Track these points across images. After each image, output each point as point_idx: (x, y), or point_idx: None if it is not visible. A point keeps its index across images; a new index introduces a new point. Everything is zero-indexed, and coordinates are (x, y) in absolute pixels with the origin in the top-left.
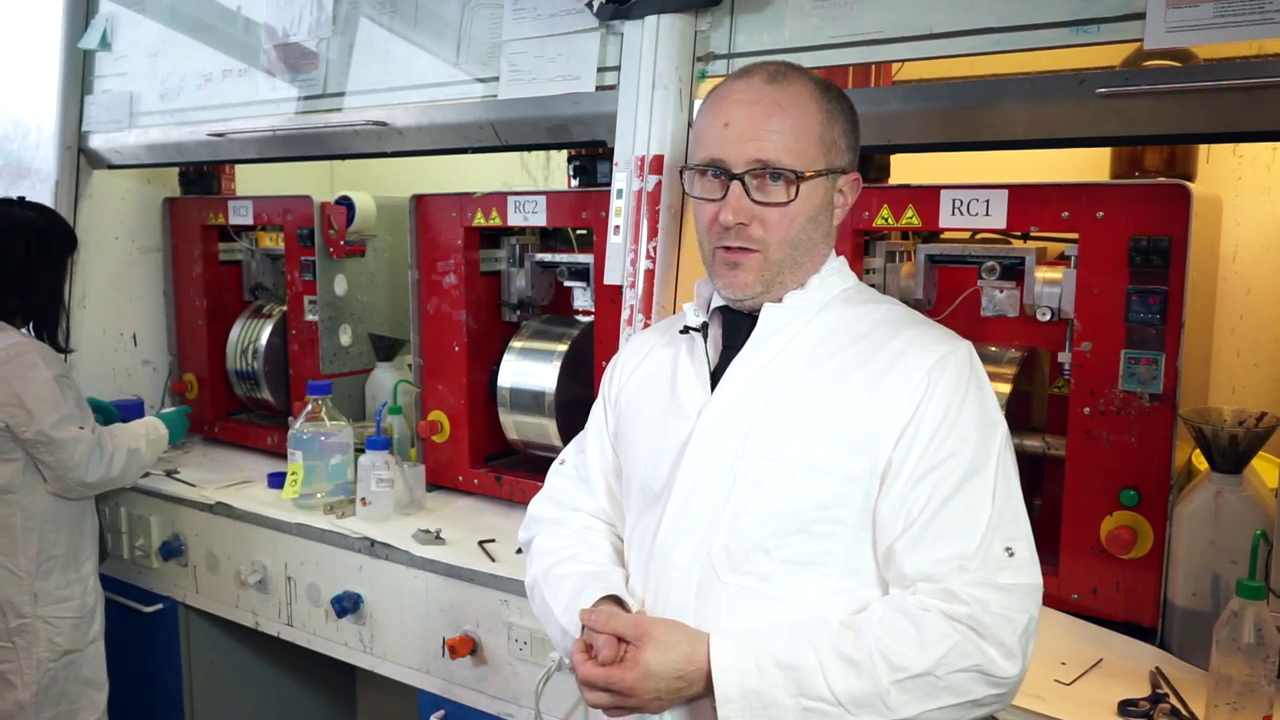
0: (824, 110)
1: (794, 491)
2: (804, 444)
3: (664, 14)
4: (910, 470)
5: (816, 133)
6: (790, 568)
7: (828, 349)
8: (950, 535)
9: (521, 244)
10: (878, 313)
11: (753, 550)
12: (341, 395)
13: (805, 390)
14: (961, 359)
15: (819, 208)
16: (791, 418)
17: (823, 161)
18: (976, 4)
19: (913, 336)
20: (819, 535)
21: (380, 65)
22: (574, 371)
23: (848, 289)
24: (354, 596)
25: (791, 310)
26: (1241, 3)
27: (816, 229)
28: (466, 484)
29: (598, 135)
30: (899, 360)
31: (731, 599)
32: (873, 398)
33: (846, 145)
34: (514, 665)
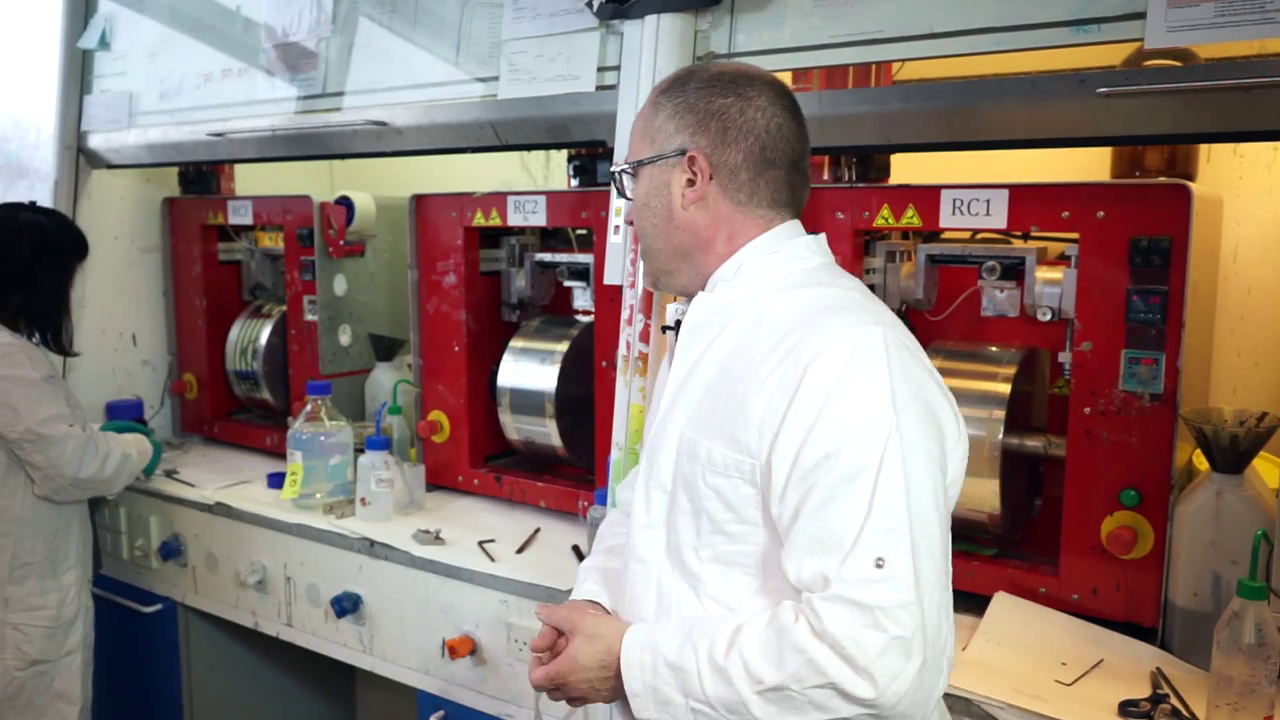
0: (653, 105)
1: (706, 493)
2: (710, 444)
3: (664, 13)
4: (789, 472)
5: (641, 127)
6: (717, 568)
7: (746, 340)
8: (821, 543)
9: (521, 244)
10: (807, 297)
11: (686, 549)
12: (341, 395)
13: (716, 385)
14: (850, 346)
15: (648, 194)
16: (703, 414)
17: (646, 151)
18: (977, 4)
19: (816, 325)
20: (734, 536)
21: (380, 65)
22: (574, 371)
23: (795, 272)
24: (353, 597)
25: (717, 300)
26: (1242, 2)
27: (653, 215)
28: (466, 484)
29: (597, 135)
30: (792, 352)
31: (680, 597)
32: (760, 394)
33: (675, 128)
34: (513, 666)
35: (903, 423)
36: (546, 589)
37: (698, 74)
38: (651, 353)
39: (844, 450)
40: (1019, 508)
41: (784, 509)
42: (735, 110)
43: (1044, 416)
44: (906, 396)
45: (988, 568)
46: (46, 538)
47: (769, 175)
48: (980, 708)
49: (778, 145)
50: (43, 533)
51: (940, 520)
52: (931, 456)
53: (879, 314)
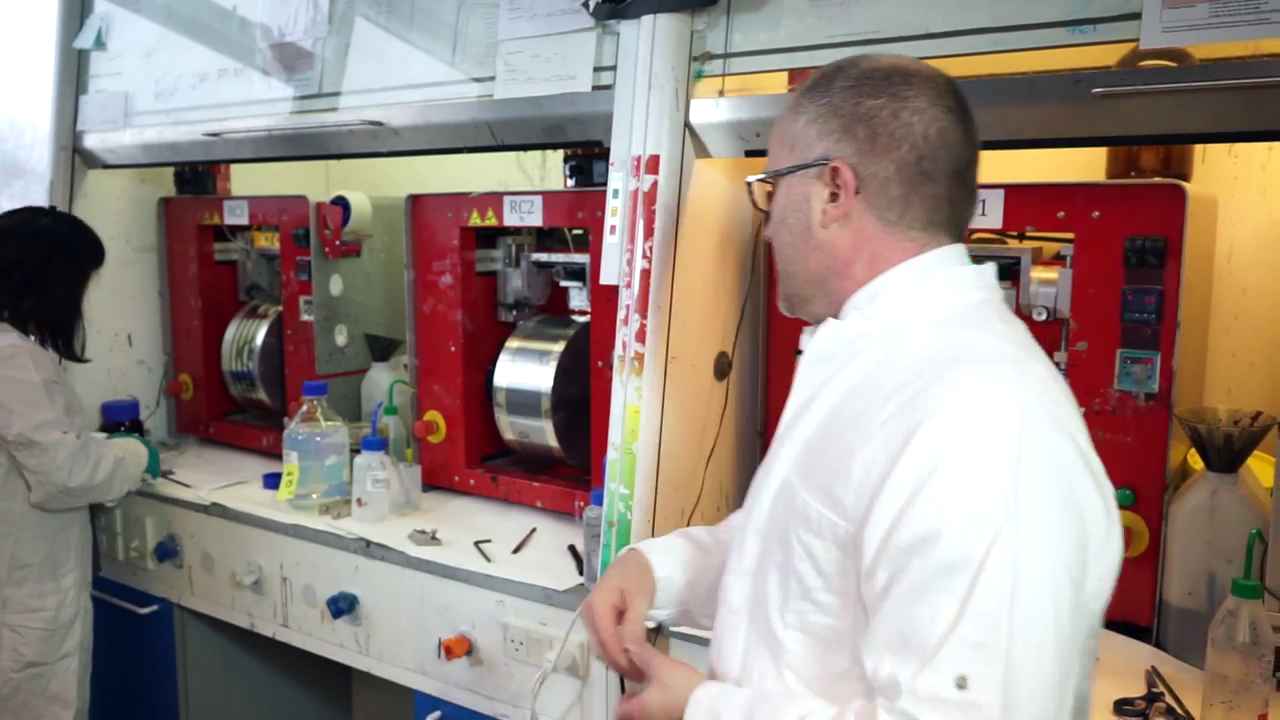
0: (792, 108)
1: (798, 550)
2: (808, 494)
3: (660, 14)
4: (876, 548)
5: (780, 134)
6: (802, 639)
7: (871, 381)
8: (902, 640)
9: (518, 244)
10: (941, 341)
11: (772, 610)
12: (337, 396)
13: (824, 429)
14: (975, 408)
15: (785, 210)
16: (806, 460)
17: (785, 160)
18: (973, 4)
19: (944, 376)
20: (823, 607)
21: (376, 65)
22: (570, 372)
23: (946, 307)
24: (350, 597)
25: (844, 330)
26: (1237, 2)
27: (790, 232)
28: (462, 484)
29: (594, 135)
30: (908, 405)
31: (763, 661)
32: (865, 449)
33: (817, 134)
34: (509, 666)
35: (1025, 515)
36: (543, 589)
37: (845, 70)
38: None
39: (944, 535)
40: None
41: (872, 589)
42: (887, 113)
43: None
44: (1038, 482)
45: None
46: (47, 540)
47: (925, 190)
48: None
49: (937, 155)
50: (43, 535)
51: (1060, 644)
52: (1060, 562)
53: (1028, 372)
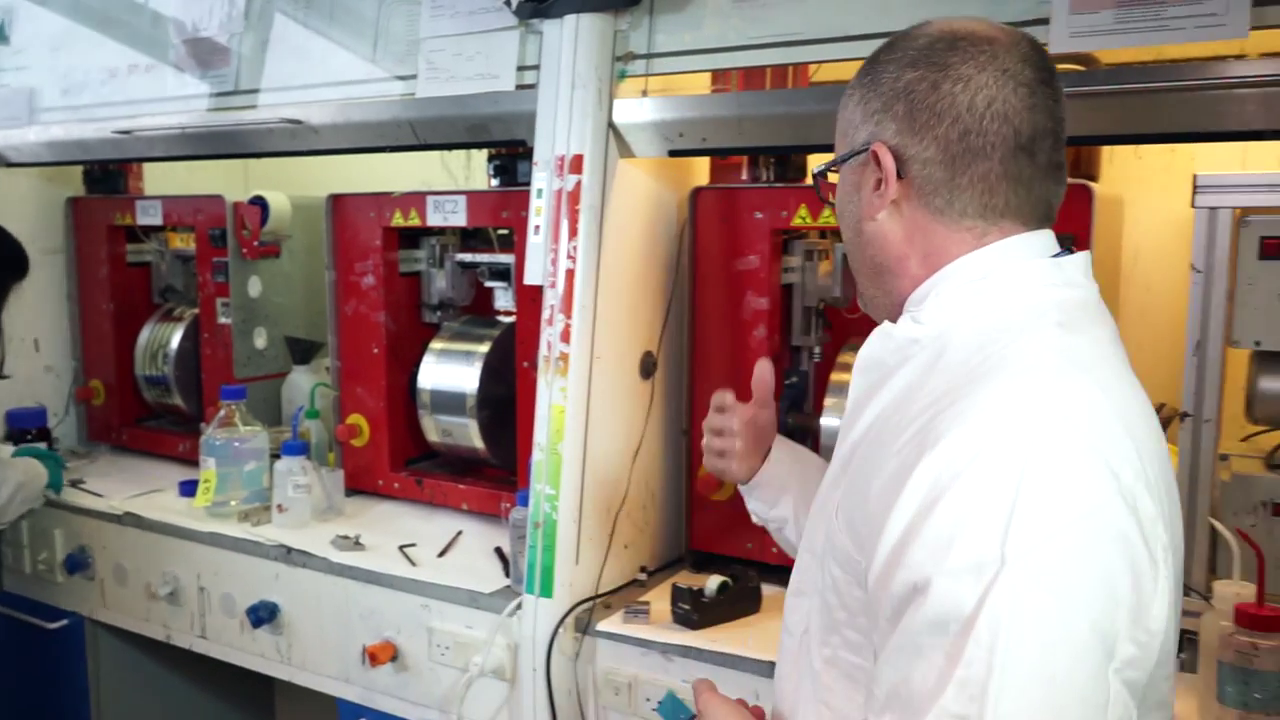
0: (847, 93)
1: (826, 580)
2: (837, 522)
3: (583, 13)
4: (876, 593)
5: (839, 126)
6: (835, 673)
7: (914, 394)
8: (896, 697)
9: (442, 244)
10: (990, 348)
11: (815, 639)
12: (256, 400)
13: (867, 449)
14: (984, 438)
15: (841, 200)
16: (847, 485)
17: (840, 149)
18: (891, 7)
19: (962, 397)
20: (851, 644)
21: (295, 62)
22: (496, 373)
23: (1004, 310)
24: (270, 606)
25: (896, 334)
26: (1140, 10)
27: (847, 227)
28: (387, 488)
29: (518, 134)
30: (924, 430)
31: (807, 690)
32: (880, 479)
33: (860, 119)
34: (436, 671)
35: (1027, 565)
36: (469, 592)
37: (896, 43)
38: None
39: (933, 585)
40: None
41: (879, 637)
42: (925, 86)
43: None
44: (1049, 526)
45: None
46: None
47: (975, 171)
48: None
49: (988, 129)
50: None
51: (1074, 716)
52: (1079, 620)
53: (1068, 390)
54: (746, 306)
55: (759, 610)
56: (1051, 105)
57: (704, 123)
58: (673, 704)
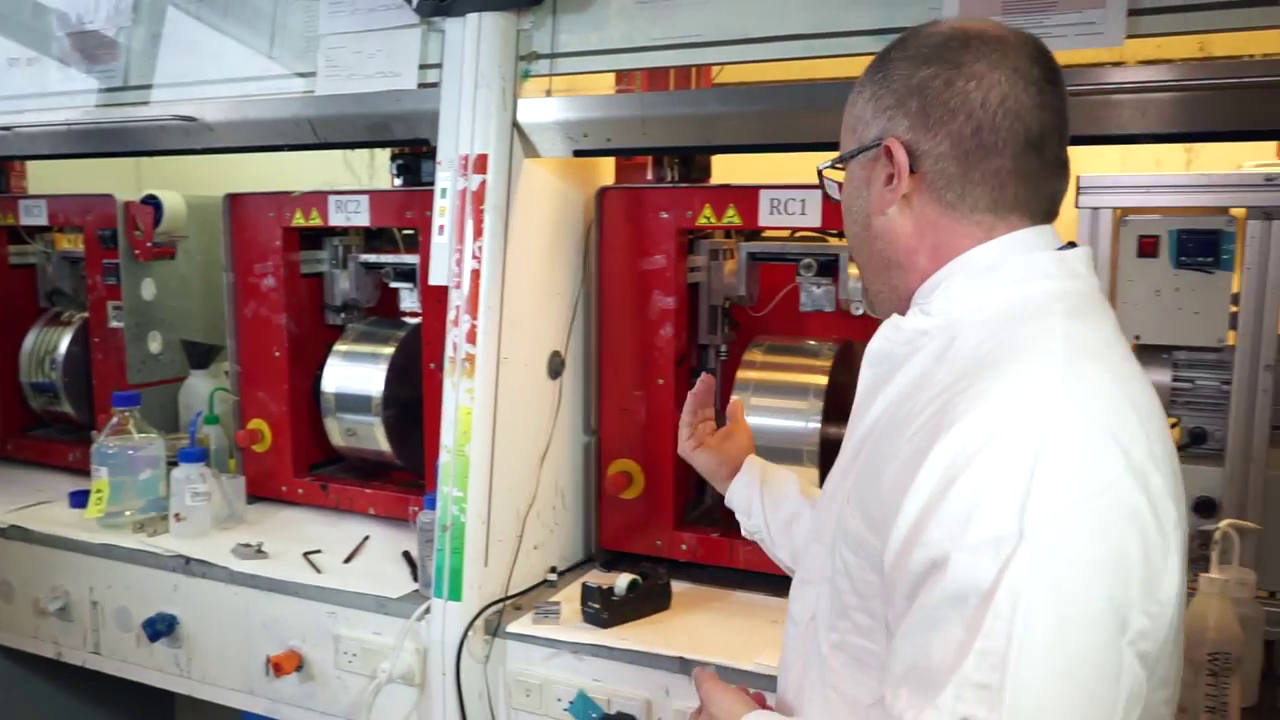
0: (856, 89)
1: (838, 564)
2: (848, 506)
3: (485, 12)
4: (892, 573)
5: (847, 121)
6: (843, 658)
7: (921, 385)
8: (914, 672)
9: (345, 245)
10: (999, 336)
11: (821, 626)
12: (152, 406)
13: (877, 439)
14: (999, 418)
15: (850, 197)
16: (859, 475)
17: (848, 144)
18: (790, 10)
19: (983, 378)
20: (860, 628)
21: (188, 57)
22: (402, 374)
23: (1011, 301)
24: (168, 618)
25: (904, 327)
26: (1024, 17)
27: (854, 223)
28: (290, 494)
29: (421, 133)
30: (937, 415)
31: (813, 678)
32: (897, 462)
33: (873, 113)
34: (343, 679)
35: (1044, 539)
36: (376, 598)
37: (905, 40)
38: None
39: (952, 561)
40: None
41: (894, 613)
42: (940, 83)
43: None
44: (1063, 501)
45: None
46: None
47: (987, 166)
48: None
49: (1000, 125)
50: None
51: (1092, 688)
52: (1094, 592)
53: (1076, 375)
54: (653, 306)
55: (669, 607)
56: (1058, 103)
57: (608, 123)
58: (584, 703)
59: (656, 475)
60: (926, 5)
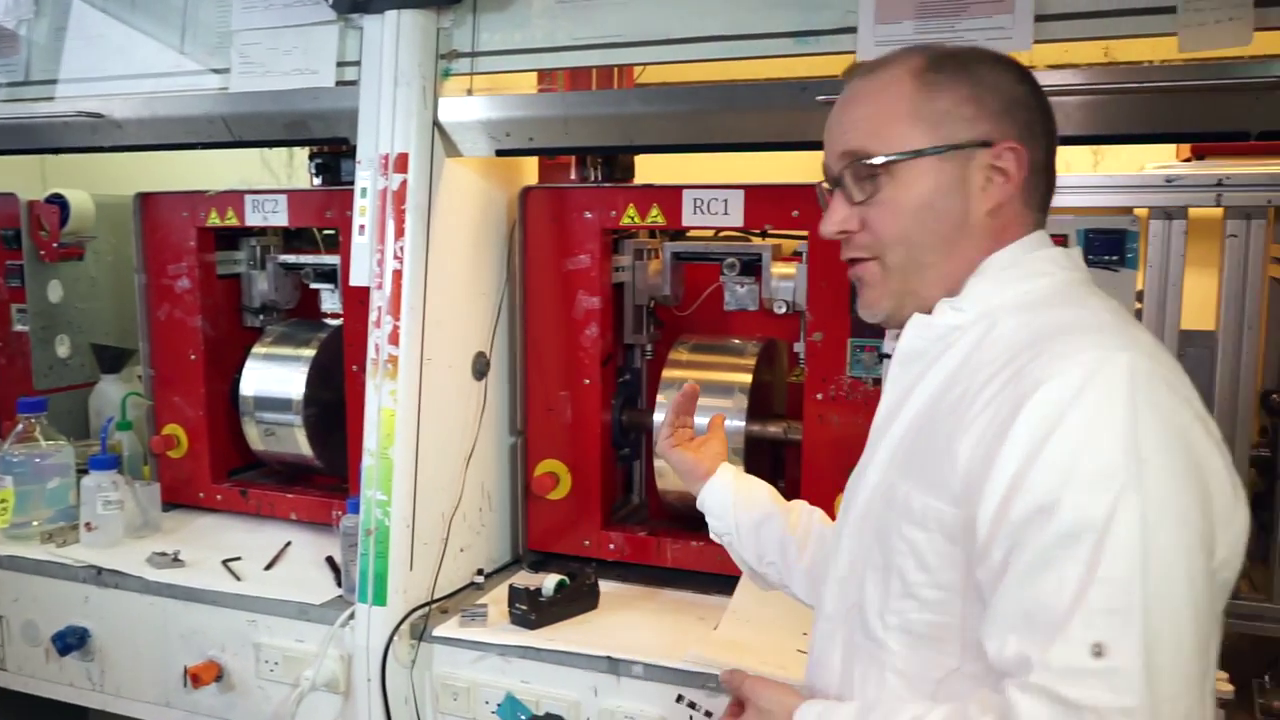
0: (923, 83)
1: (899, 547)
2: (907, 488)
3: (404, 9)
4: (990, 528)
5: (906, 109)
6: (906, 638)
7: (969, 369)
8: (1025, 618)
9: (263, 245)
10: (1043, 319)
11: (871, 613)
12: (60, 412)
13: (929, 422)
14: (1083, 374)
15: (934, 193)
16: (905, 456)
17: (924, 139)
18: (710, 12)
19: (1048, 349)
20: (928, 603)
21: (95, 51)
22: (323, 377)
23: (1032, 290)
24: (79, 631)
25: (938, 323)
26: (937, 21)
27: (937, 219)
28: (209, 500)
29: (340, 132)
30: (1012, 381)
31: (864, 666)
32: (971, 431)
33: (974, 114)
34: (265, 688)
35: (1148, 475)
36: (298, 604)
37: (974, 52)
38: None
39: (1063, 503)
40: None
41: (987, 572)
42: (1039, 101)
43: (783, 404)
44: (1158, 443)
45: None
46: None
47: (1047, 178)
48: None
49: (1054, 146)
50: None
51: (1197, 606)
52: (1188, 523)
53: (1134, 338)
54: (578, 306)
55: (597, 607)
56: None
57: (530, 122)
58: (512, 705)
59: (583, 475)
60: (843, 9)
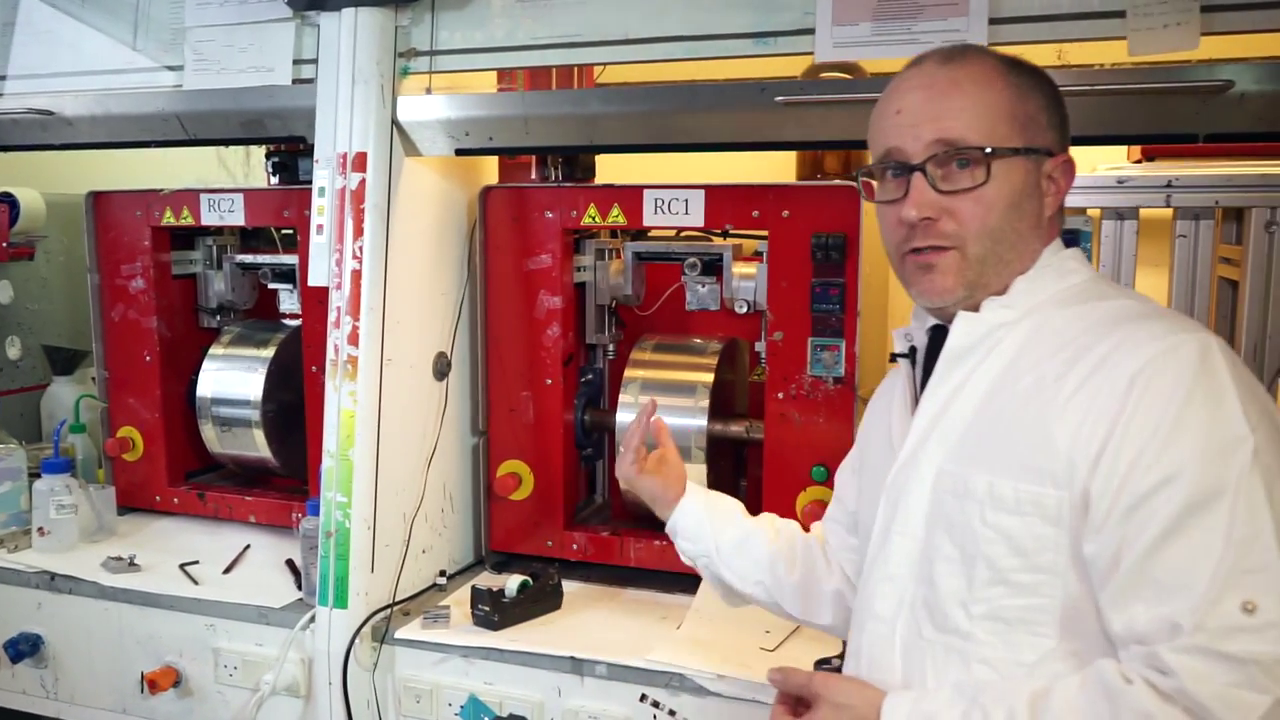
0: (1013, 85)
1: (985, 535)
2: (991, 477)
3: (361, 7)
4: (1112, 503)
5: (1006, 108)
6: (995, 625)
7: (1026, 361)
8: (1164, 586)
9: (219, 245)
10: (1096, 312)
11: (951, 604)
12: (11, 415)
13: (995, 412)
14: (1186, 356)
15: (1020, 193)
16: (979, 447)
17: (1018, 139)
18: (669, 12)
19: (1126, 334)
20: (1022, 587)
21: (45, 47)
22: (281, 378)
23: (1067, 288)
24: (32, 638)
25: (989, 320)
26: (893, 24)
27: (1021, 218)
28: (165, 504)
29: (297, 130)
30: (1102, 366)
31: (936, 660)
32: (1068, 417)
33: (1048, 123)
34: (224, 693)
35: (1260, 440)
36: (257, 608)
37: (1029, 65)
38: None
39: (1187, 473)
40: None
41: (1103, 546)
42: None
43: (745, 403)
44: (1259, 409)
45: None
46: None
47: None
48: (693, 681)
49: None
50: None
51: None
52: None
53: (1193, 321)
54: (540, 306)
55: (561, 607)
56: None
57: (490, 121)
58: (475, 707)
59: (546, 475)
60: (801, 10)
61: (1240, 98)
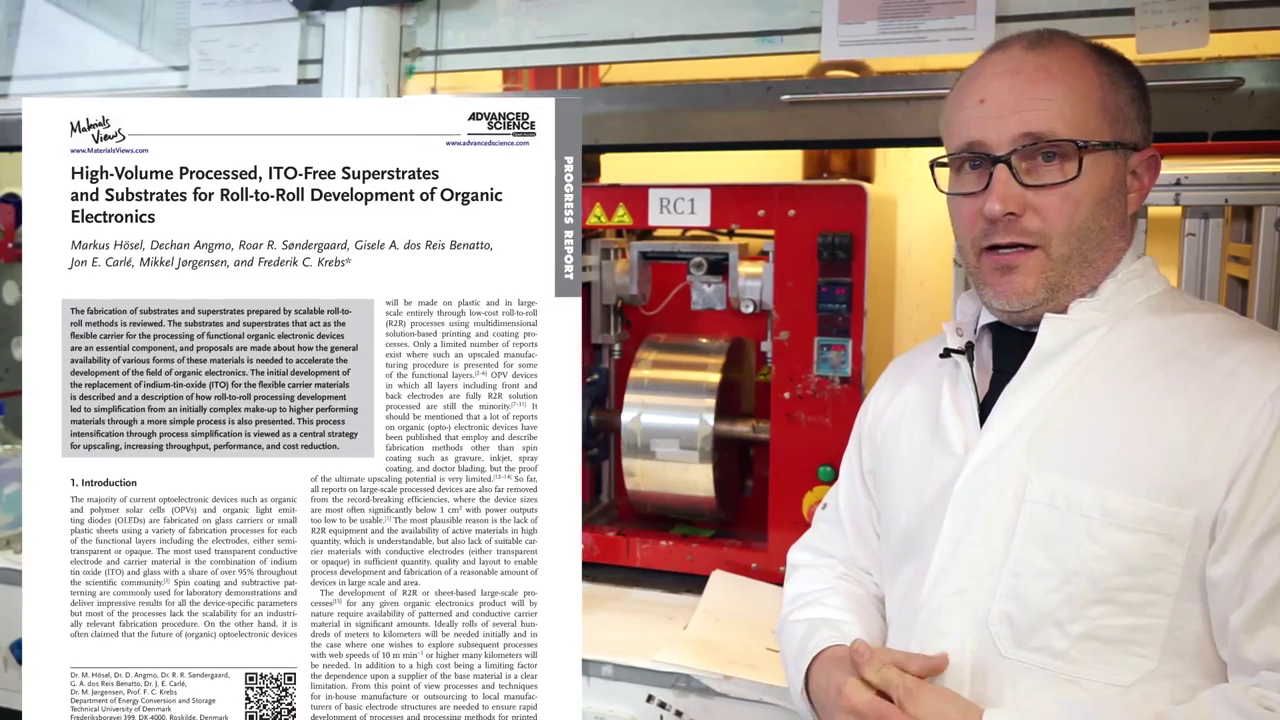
0: (1103, 74)
1: (1093, 551)
2: (1104, 491)
3: (367, 7)
4: (1252, 526)
5: (1097, 98)
6: (1093, 645)
7: (1131, 370)
8: (1268, 611)
9: None
10: (1200, 324)
11: (1042, 621)
12: (18, 416)
13: (1103, 423)
14: None
15: (1109, 189)
16: (1086, 457)
17: (1109, 132)
18: (674, 11)
19: (1249, 352)
20: (1130, 606)
21: (51, 48)
22: None
23: (1154, 295)
24: None
25: (1079, 322)
26: (899, 22)
27: (1108, 216)
28: None
29: None
30: (1231, 384)
31: (1017, 678)
32: (1196, 433)
33: (1136, 116)
34: None
35: None
36: None
37: (1116, 55)
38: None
39: None
40: (732, 490)
41: (1234, 568)
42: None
43: (751, 403)
44: None
45: (706, 548)
46: None
47: None
48: (700, 682)
49: None
50: None
51: None
52: None
53: None
54: None
55: None
56: None
57: None
58: None
59: None
60: (808, 8)
61: (1250, 95)
